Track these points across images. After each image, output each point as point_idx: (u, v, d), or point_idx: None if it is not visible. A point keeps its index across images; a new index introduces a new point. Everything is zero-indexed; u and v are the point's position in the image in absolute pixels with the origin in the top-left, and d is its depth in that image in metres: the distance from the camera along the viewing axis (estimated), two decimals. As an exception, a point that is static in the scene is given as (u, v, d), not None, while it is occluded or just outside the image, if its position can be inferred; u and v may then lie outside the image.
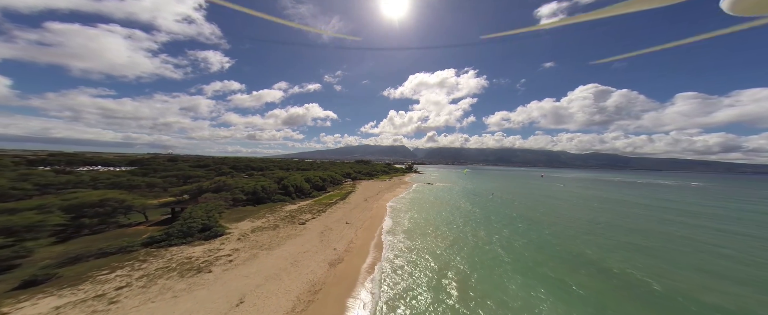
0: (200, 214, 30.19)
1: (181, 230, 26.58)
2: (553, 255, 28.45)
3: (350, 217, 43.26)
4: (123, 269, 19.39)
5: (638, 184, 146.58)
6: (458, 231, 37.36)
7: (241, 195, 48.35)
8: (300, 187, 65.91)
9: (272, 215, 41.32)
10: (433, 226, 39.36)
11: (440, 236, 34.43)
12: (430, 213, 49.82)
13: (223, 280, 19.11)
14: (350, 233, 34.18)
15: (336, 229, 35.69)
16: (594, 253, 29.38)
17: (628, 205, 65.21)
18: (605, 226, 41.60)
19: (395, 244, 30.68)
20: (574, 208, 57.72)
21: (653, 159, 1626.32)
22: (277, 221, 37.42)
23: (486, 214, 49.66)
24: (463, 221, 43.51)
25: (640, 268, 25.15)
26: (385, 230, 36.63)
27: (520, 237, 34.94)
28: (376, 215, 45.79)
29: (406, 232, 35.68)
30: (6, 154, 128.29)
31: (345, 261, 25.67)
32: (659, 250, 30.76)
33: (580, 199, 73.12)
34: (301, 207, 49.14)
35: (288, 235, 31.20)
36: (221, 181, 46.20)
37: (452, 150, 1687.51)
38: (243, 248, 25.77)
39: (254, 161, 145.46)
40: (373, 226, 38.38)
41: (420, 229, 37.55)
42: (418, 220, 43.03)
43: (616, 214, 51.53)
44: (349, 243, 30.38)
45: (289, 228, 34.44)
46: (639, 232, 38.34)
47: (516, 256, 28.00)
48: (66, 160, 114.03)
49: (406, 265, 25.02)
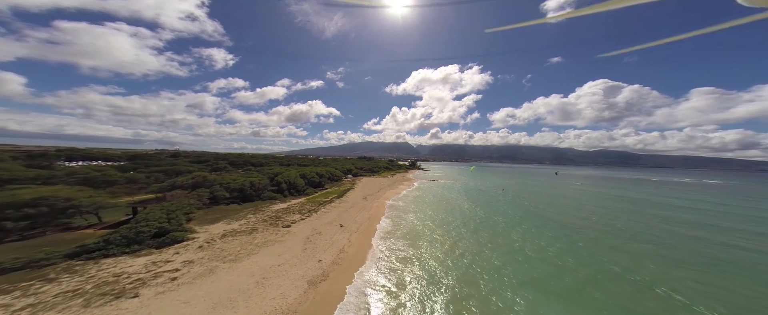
0: (158, 216, 24.77)
1: (126, 236, 21.15)
2: (608, 274, 22.36)
3: (345, 218, 37.60)
4: (5, 296, 13.94)
5: (654, 181, 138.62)
6: (472, 238, 31.43)
7: (224, 192, 43.00)
8: (294, 183, 60.48)
9: (255, 216, 35.86)
10: (441, 231, 33.49)
11: (450, 243, 28.56)
12: (437, 214, 43.91)
13: (148, 310, 13.59)
14: (343, 239, 28.49)
15: (326, 233, 30.04)
16: (660, 269, 23.19)
17: (662, 206, 58.40)
18: (651, 233, 35.18)
19: (396, 254, 24.93)
20: (603, 211, 51.18)
21: (665, 156, 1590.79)
22: (257, 223, 31.91)
23: (502, 217, 43.59)
24: (475, 225, 37.56)
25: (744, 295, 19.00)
26: (384, 235, 30.89)
27: (550, 246, 28.87)
28: (376, 216, 40.07)
29: (409, 238, 29.90)
30: (18, 150, 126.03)
31: (331, 278, 19.98)
32: (740, 266, 24.48)
33: (604, 199, 66.37)
34: (291, 206, 43.65)
35: (265, 242, 25.63)
36: (200, 177, 40.85)
37: (456, 147, 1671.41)
38: (200, 260, 20.25)
39: (255, 157, 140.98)
40: (371, 230, 32.65)
41: (426, 235, 31.71)
42: (423, 223, 37.21)
43: (655, 218, 44.80)
44: (339, 252, 24.69)
45: (269, 232, 28.86)
46: (701, 242, 31.82)
47: (552, 273, 22.00)
48: (66, 155, 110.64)
49: (409, 284, 19.26)
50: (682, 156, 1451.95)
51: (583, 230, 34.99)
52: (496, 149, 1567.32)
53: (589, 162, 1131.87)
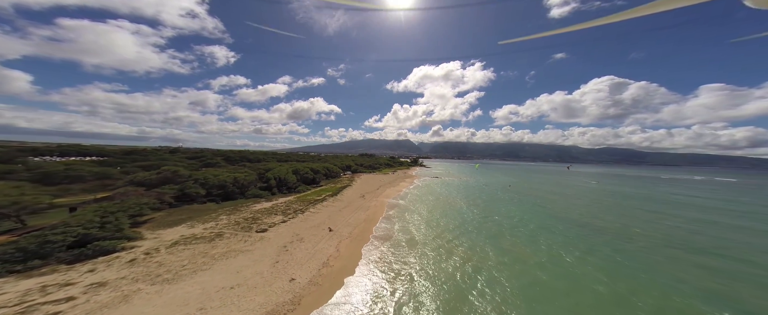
0: (88, 220, 19.06)
1: (23, 249, 15.43)
2: (697, 300, 16.37)
3: (337, 220, 31.78)
4: None
5: (666, 179, 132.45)
6: (488, 247, 25.49)
7: (199, 189, 37.33)
8: (284, 180, 54.75)
9: (229, 217, 30.15)
10: (450, 236, 27.60)
11: (463, 254, 22.66)
12: (443, 215, 38.03)
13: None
14: (329, 247, 22.68)
15: (310, 239, 24.23)
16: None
17: (697, 208, 52.17)
18: (708, 241, 29.04)
19: (395, 269, 19.05)
20: (638, 214, 44.99)
21: (671, 154, 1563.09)
22: (227, 227, 26.17)
23: (519, 221, 37.62)
24: (490, 230, 31.63)
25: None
26: (382, 242, 25.01)
27: (592, 259, 22.89)
28: (373, 217, 34.23)
29: (412, 246, 24.02)
30: (23, 146, 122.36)
31: (302, 307, 14.20)
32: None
33: (631, 200, 59.85)
34: (276, 205, 37.91)
35: (226, 252, 19.86)
36: (169, 172, 35.18)
37: (458, 144, 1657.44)
38: (118, 281, 14.52)
39: (253, 153, 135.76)
40: (366, 235, 26.80)
41: (433, 241, 25.83)
42: (429, 226, 31.33)
43: (702, 224, 38.72)
44: (321, 267, 18.88)
45: (237, 238, 23.10)
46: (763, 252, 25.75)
47: (614, 301, 16.03)
48: (60, 151, 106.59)
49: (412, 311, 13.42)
50: (688, 154, 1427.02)
51: (630, 239, 28.79)
52: (499, 147, 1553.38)
53: (594, 159, 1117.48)
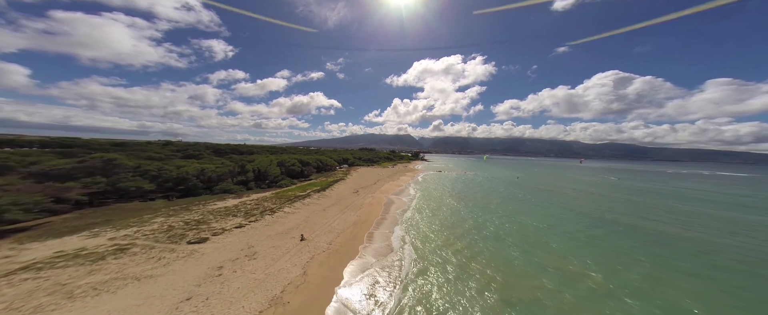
0: None
1: None
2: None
3: (316, 223, 24.16)
4: None
5: (670, 174, 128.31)
6: (518, 259, 17.89)
7: (142, 183, 29.66)
8: (264, 172, 47.03)
9: (167, 220, 22.56)
10: (461, 245, 20.01)
11: (482, 271, 15.06)
12: (452, 216, 30.49)
13: None
14: (291, 269, 15.10)
15: (266, 254, 16.64)
16: None
17: (744, 208, 44.86)
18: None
19: (394, 310, 11.50)
20: (687, 212, 37.58)
21: (674, 149, 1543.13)
22: (146, 236, 18.54)
23: (547, 225, 30.14)
24: (514, 235, 24.08)
25: None
26: (374, 257, 17.38)
27: (663, 275, 15.37)
28: (365, 219, 26.60)
29: (415, 261, 16.41)
30: (21, 139, 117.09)
31: None
32: None
33: (665, 199, 52.46)
34: (243, 203, 30.32)
35: (106, 282, 12.29)
36: (97, 160, 27.44)
37: (459, 139, 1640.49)
38: None
39: (247, 147, 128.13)
40: (353, 245, 19.18)
41: (448, 257, 18.22)
42: (435, 231, 23.73)
43: (751, 227, 31.32)
44: (264, 308, 11.31)
45: (146, 256, 15.49)
46: None
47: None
48: (41, 142, 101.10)
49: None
50: (692, 149, 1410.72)
51: (698, 244, 21.28)
52: (500, 142, 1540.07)
53: (596, 154, 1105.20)
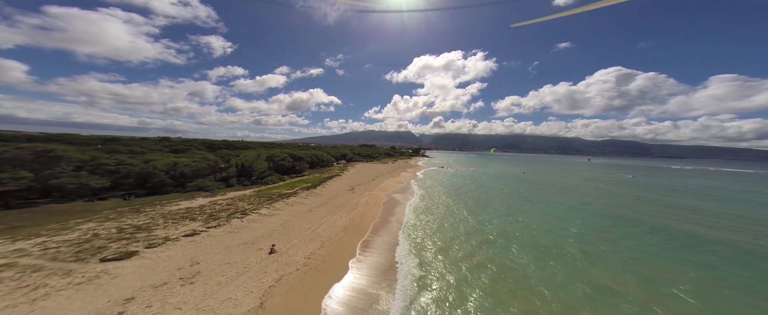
0: None
1: None
2: None
3: (296, 228, 19.20)
4: None
5: (675, 170, 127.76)
6: (552, 283, 12.93)
7: (88, 179, 24.65)
8: (249, 168, 41.97)
9: (103, 225, 17.64)
10: (480, 259, 15.06)
11: (537, 303, 10.12)
12: (459, 218, 25.58)
13: None
14: (244, 300, 10.16)
15: (211, 277, 11.71)
16: None
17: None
18: None
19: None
20: (736, 214, 32.68)
21: (676, 146, 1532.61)
22: (44, 252, 13.63)
23: (578, 236, 25.19)
24: (537, 247, 19.16)
25: None
26: (369, 278, 12.43)
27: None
28: (359, 223, 21.64)
29: (416, 280, 11.46)
30: (18, 135, 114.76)
31: None
32: None
33: (692, 197, 47.58)
34: (214, 203, 25.35)
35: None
36: (26, 150, 22.36)
37: (459, 136, 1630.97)
38: None
39: (243, 143, 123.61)
40: (340, 260, 14.26)
41: (462, 269, 13.23)
42: (443, 237, 18.80)
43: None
44: None
45: (14, 285, 10.57)
46: None
47: None
48: (25, 136, 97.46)
49: None
50: (694, 146, 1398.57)
51: None
52: (501, 138, 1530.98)
53: (597, 151, 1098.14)
